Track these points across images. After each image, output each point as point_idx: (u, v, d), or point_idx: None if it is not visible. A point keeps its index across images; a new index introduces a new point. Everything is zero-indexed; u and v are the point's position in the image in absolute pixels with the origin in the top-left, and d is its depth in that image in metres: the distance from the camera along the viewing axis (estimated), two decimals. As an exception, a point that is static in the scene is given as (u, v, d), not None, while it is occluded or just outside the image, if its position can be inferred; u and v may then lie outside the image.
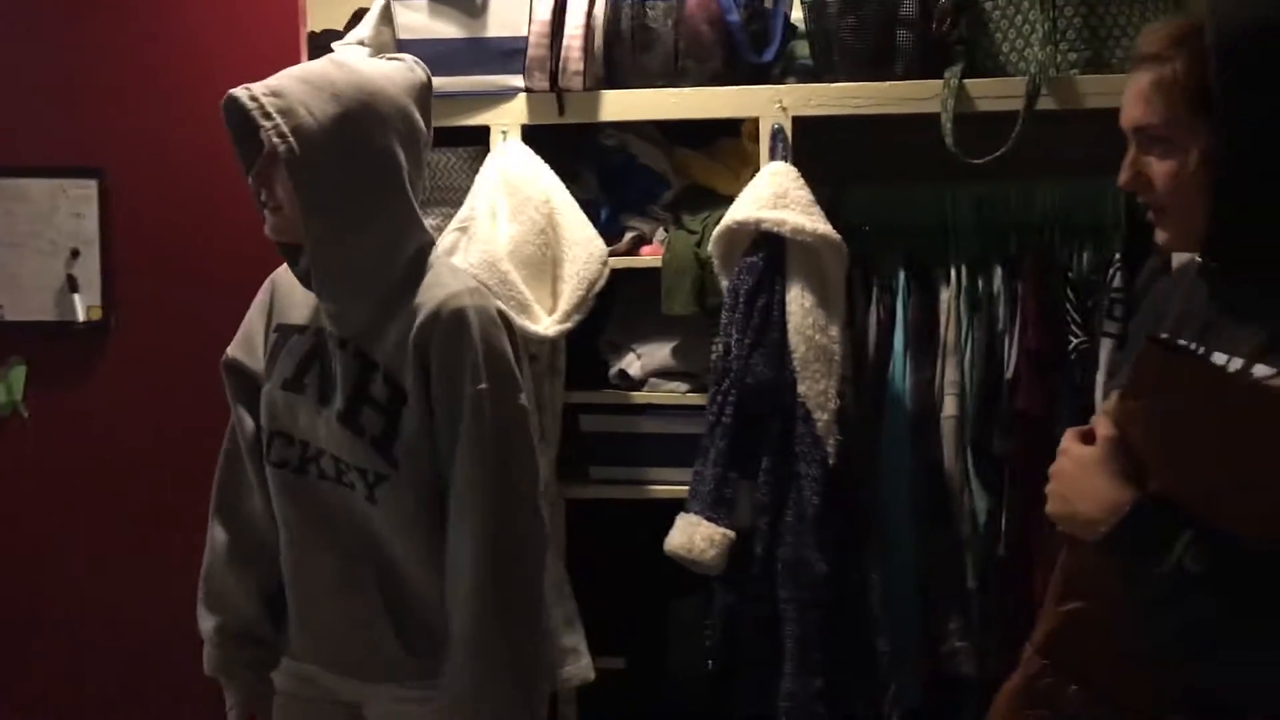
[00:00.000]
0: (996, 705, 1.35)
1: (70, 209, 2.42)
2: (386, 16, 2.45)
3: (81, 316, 2.42)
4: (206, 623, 1.81)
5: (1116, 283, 2.21)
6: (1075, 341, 2.24)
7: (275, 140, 1.57)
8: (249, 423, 1.79)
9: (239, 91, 1.60)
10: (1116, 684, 1.23)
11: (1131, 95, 1.27)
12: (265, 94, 1.58)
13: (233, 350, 1.83)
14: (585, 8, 2.34)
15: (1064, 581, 1.29)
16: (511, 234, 2.26)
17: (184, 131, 2.41)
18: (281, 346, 1.76)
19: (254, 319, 1.83)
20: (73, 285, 2.42)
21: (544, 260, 2.28)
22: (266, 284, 1.84)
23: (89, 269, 2.42)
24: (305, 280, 1.69)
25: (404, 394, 1.65)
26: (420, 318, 1.64)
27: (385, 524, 1.68)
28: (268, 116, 1.57)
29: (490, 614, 1.61)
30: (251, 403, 1.79)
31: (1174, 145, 1.23)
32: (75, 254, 2.42)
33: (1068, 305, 2.26)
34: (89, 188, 2.42)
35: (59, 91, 2.42)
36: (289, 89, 1.60)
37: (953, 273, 2.33)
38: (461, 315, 1.64)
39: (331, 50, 2.49)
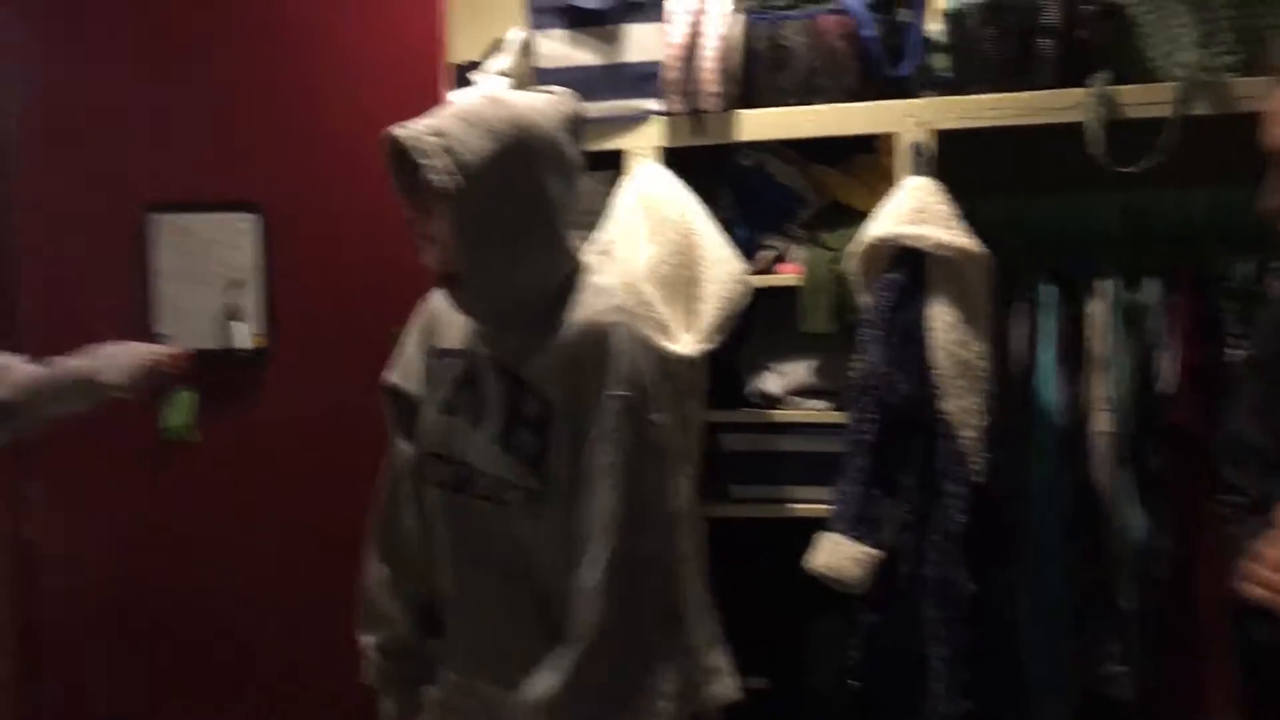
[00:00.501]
0: None
1: (232, 243, 2.54)
2: (525, 47, 2.52)
3: (244, 344, 2.54)
4: (366, 639, 1.88)
5: (1278, 292, 2.12)
6: (1233, 354, 2.15)
7: (435, 178, 1.63)
8: (406, 445, 1.86)
9: (400, 131, 1.65)
10: None
11: (1275, 115, 1.17)
12: (427, 133, 1.64)
13: (391, 375, 1.90)
14: (720, 29, 2.36)
15: None
16: (650, 255, 2.28)
17: (334, 165, 2.51)
18: (437, 370, 1.83)
19: (410, 344, 1.90)
20: (235, 315, 2.54)
21: (683, 281, 2.30)
22: (421, 309, 1.91)
23: (251, 299, 2.54)
24: (460, 307, 1.75)
25: (556, 413, 1.69)
26: (570, 337, 1.69)
27: (541, 540, 1.71)
28: (428, 155, 1.63)
29: (597, 631, 1.62)
30: (409, 425, 1.85)
31: None
32: (237, 285, 2.54)
33: (1225, 316, 2.18)
34: (249, 222, 2.54)
35: (220, 132, 2.55)
36: (448, 128, 1.65)
37: (1101, 284, 2.26)
38: (606, 330, 1.68)
39: (470, 80, 2.58)
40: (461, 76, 2.59)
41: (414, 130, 1.65)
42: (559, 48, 2.44)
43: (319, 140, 2.54)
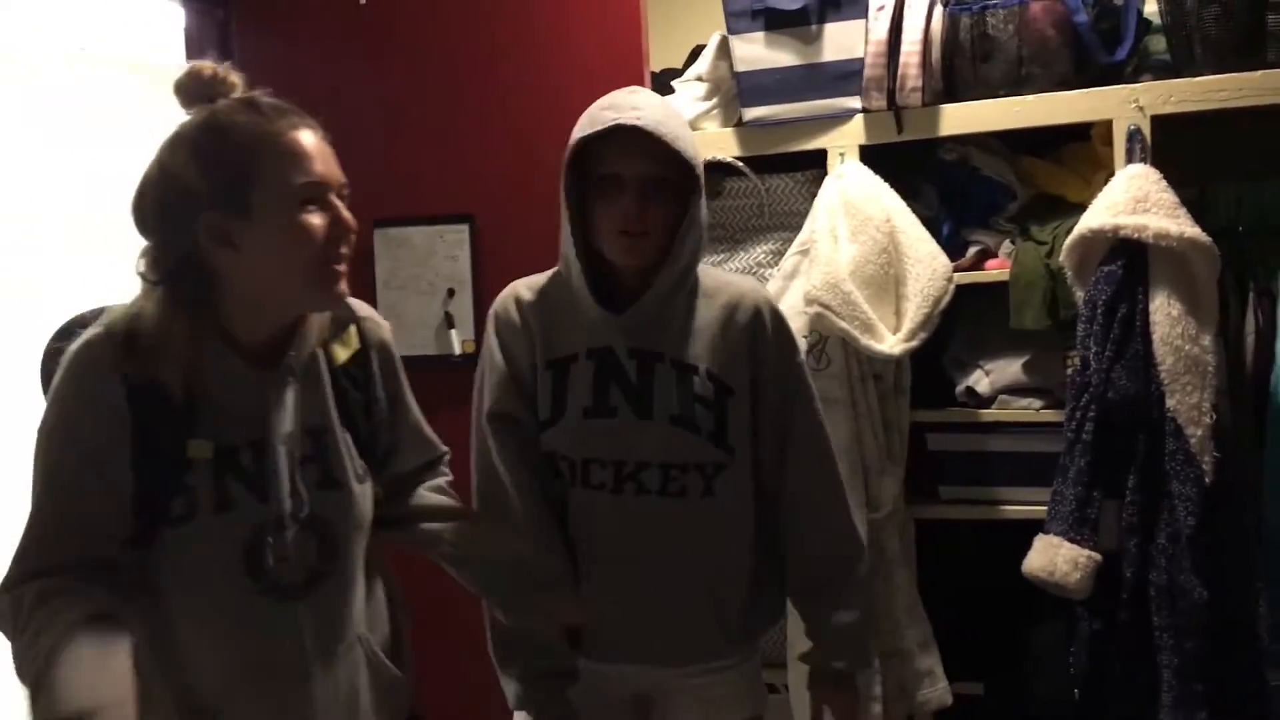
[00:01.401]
0: None
1: (446, 252, 2.65)
2: (723, 51, 2.53)
3: (458, 350, 2.64)
4: (510, 669, 1.81)
5: None
6: None
7: (693, 166, 1.70)
8: (523, 472, 1.76)
9: (650, 124, 1.67)
10: None
11: None
12: (658, 127, 1.67)
13: (498, 404, 1.78)
14: (923, 23, 2.32)
15: None
16: (853, 254, 2.26)
17: (541, 175, 2.58)
18: (563, 379, 1.76)
19: (512, 364, 1.78)
20: (450, 322, 2.65)
21: (887, 279, 2.27)
22: (504, 326, 1.80)
23: (463, 306, 2.64)
24: (652, 301, 1.74)
25: (729, 387, 1.75)
26: (738, 314, 1.77)
27: (721, 515, 1.76)
28: (684, 147, 1.68)
29: (862, 564, 1.83)
30: (519, 450, 1.77)
31: None
32: (451, 293, 2.65)
33: None
34: (462, 232, 2.64)
35: (434, 147, 2.66)
36: (669, 121, 1.70)
37: (1343, 272, 2.12)
38: (759, 305, 1.79)
39: (671, 88, 2.61)
40: (663, 84, 2.62)
41: (646, 122, 1.67)
42: (757, 50, 2.45)
43: (527, 150, 2.61)
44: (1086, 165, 2.36)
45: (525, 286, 1.83)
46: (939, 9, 2.35)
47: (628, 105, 1.70)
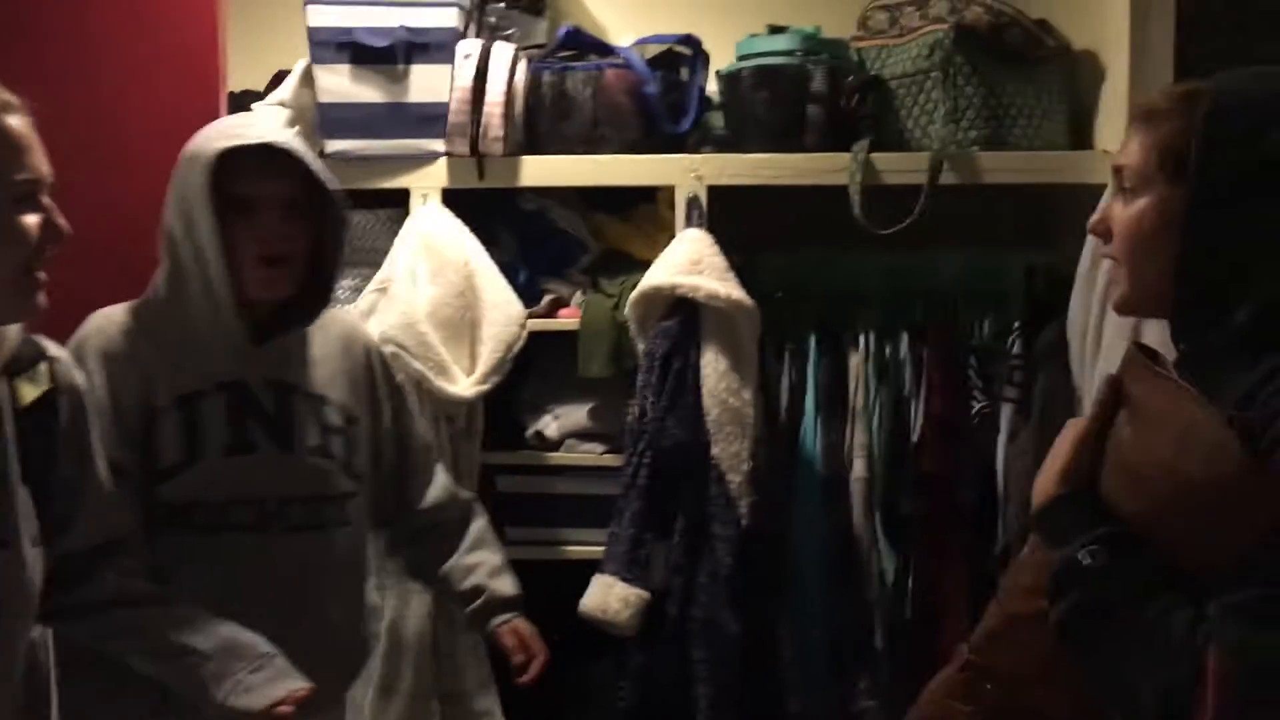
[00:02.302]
0: (926, 691, 1.37)
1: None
2: (307, 79, 2.47)
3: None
4: None
5: (1016, 350, 2.29)
6: (978, 406, 2.32)
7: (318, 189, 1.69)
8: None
9: (280, 140, 1.65)
10: (1034, 691, 1.25)
11: (1124, 139, 1.24)
12: (299, 146, 1.68)
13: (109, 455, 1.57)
14: (506, 76, 2.39)
15: (1009, 585, 1.31)
16: (431, 296, 2.28)
17: (97, 196, 2.36)
18: (193, 416, 1.65)
19: (119, 405, 1.62)
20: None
21: (463, 322, 2.30)
22: (110, 360, 1.63)
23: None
24: (261, 333, 1.69)
25: (355, 416, 1.79)
26: (355, 349, 1.83)
27: (350, 544, 1.78)
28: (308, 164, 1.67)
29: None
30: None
31: (1138, 196, 1.20)
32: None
33: (970, 371, 2.34)
34: None
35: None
36: (303, 143, 1.73)
37: (861, 338, 2.39)
38: (367, 338, 1.92)
39: (250, 110, 2.51)
40: (242, 106, 2.52)
41: (305, 146, 1.70)
42: (342, 82, 2.42)
43: (70, 169, 2.39)
44: (653, 226, 2.52)
45: (123, 317, 1.67)
46: (523, 63, 2.43)
47: (257, 125, 1.69)
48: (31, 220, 1.28)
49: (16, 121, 1.27)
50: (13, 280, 1.28)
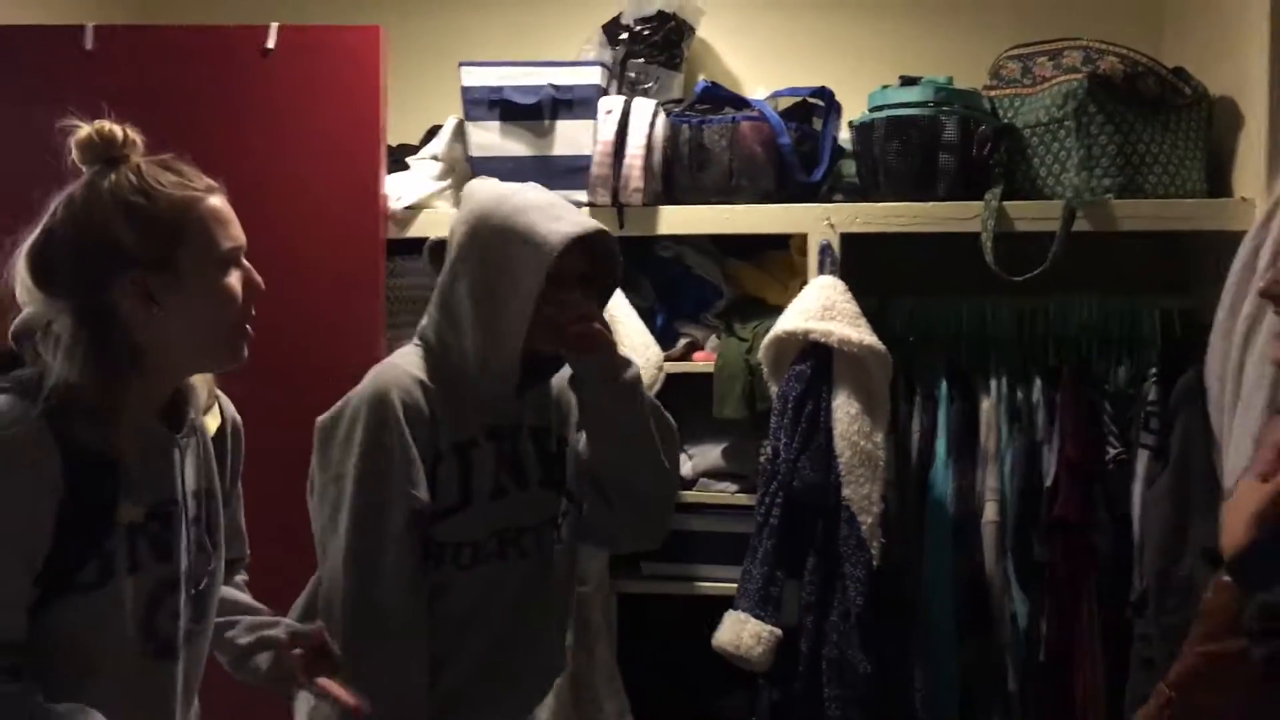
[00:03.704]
0: None
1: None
2: (459, 134, 2.63)
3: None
4: None
5: (1152, 396, 2.29)
6: (1113, 452, 2.32)
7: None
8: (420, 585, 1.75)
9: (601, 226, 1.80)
10: None
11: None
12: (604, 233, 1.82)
13: (419, 493, 1.71)
14: (646, 129, 2.50)
15: (1204, 628, 1.35)
16: (573, 340, 2.38)
17: (273, 242, 2.55)
18: (468, 461, 1.77)
19: (406, 451, 1.71)
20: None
21: (603, 365, 2.40)
22: (410, 412, 1.72)
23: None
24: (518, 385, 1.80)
25: (564, 437, 1.91)
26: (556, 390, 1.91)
27: (566, 561, 1.92)
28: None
29: None
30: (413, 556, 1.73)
31: None
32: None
33: (1105, 417, 2.34)
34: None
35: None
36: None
37: (993, 383, 2.42)
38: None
39: (406, 164, 2.67)
40: (398, 159, 2.68)
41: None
42: (492, 137, 2.56)
43: (262, 215, 2.58)
44: (785, 272, 2.59)
45: (414, 369, 1.77)
46: (662, 118, 2.54)
47: (574, 211, 1.81)
48: (236, 280, 1.46)
49: (219, 201, 1.46)
50: (227, 335, 1.47)
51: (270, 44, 2.53)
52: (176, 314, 1.41)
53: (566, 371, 1.87)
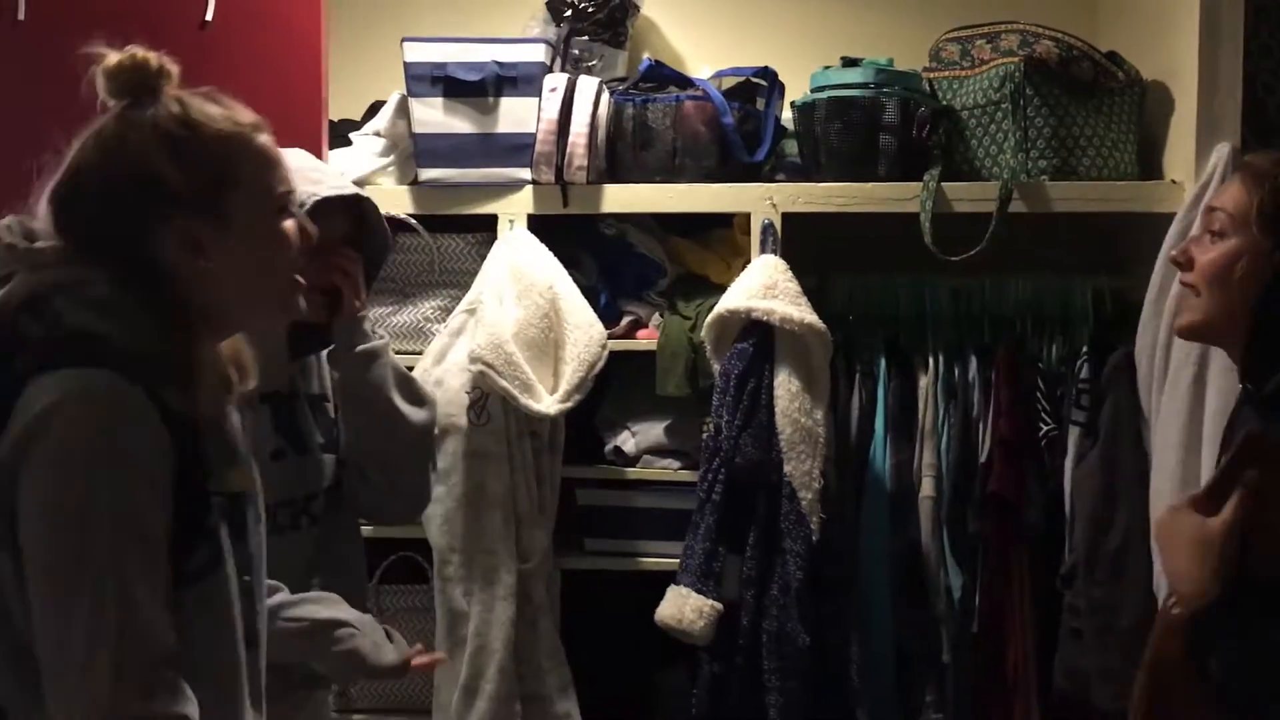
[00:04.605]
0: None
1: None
2: (402, 110, 2.61)
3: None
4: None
5: (1084, 374, 2.35)
6: (1045, 429, 2.37)
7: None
8: None
9: (360, 190, 1.78)
10: None
11: (1225, 185, 1.41)
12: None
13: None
14: (590, 108, 2.50)
15: (1157, 654, 1.35)
16: (517, 317, 2.39)
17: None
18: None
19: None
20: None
21: (547, 342, 2.41)
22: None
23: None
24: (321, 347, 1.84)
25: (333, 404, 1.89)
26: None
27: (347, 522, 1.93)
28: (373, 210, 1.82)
29: None
30: None
31: (1228, 238, 1.36)
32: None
33: (1038, 394, 2.40)
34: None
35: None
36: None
37: (930, 361, 2.46)
38: None
39: (349, 140, 2.66)
40: (340, 134, 2.66)
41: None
42: (436, 114, 2.55)
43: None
44: (729, 250, 2.61)
45: None
46: (606, 96, 2.54)
47: (334, 175, 1.81)
48: (290, 226, 1.32)
49: (268, 139, 1.30)
50: (281, 290, 1.33)
51: (209, 15, 2.49)
52: (226, 264, 1.24)
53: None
